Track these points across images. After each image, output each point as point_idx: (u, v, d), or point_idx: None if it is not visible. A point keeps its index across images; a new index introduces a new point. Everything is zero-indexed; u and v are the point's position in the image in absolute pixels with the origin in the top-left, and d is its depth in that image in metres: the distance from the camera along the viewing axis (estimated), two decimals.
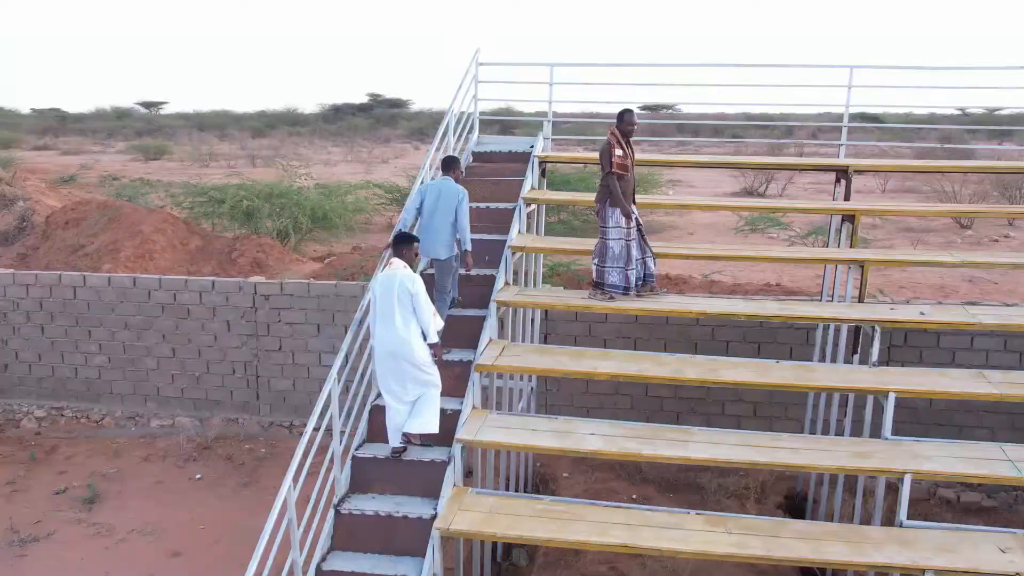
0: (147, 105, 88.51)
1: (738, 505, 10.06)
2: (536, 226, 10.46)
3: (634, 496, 10.35)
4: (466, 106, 10.91)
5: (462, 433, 7.32)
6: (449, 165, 8.71)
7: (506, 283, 8.94)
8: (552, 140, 11.21)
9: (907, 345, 10.96)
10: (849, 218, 9.41)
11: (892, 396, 7.31)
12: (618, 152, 8.34)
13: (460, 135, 10.69)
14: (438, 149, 9.79)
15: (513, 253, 9.10)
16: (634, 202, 8.68)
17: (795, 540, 6.48)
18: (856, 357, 8.58)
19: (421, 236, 8.26)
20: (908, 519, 6.74)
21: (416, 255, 7.68)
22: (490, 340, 8.33)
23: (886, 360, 10.81)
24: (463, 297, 8.81)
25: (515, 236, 9.29)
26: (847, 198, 10.07)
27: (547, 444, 7.23)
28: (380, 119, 66.49)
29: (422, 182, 9.03)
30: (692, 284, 15.33)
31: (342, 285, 12.33)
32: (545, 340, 11.54)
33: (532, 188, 10.21)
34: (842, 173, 10.12)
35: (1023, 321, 8.25)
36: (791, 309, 8.58)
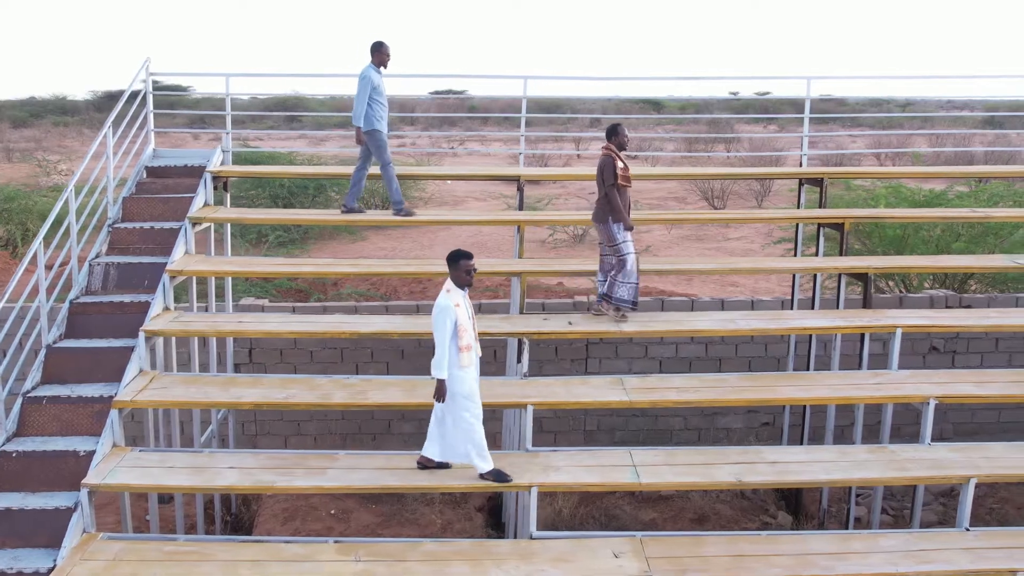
0: None
1: (435, 511, 10.17)
2: (223, 245, 10.16)
3: (333, 511, 10.27)
4: (139, 112, 10.52)
5: (91, 476, 6.98)
6: (372, 50, 10.08)
7: (165, 308, 8.61)
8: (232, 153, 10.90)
9: (603, 343, 11.45)
10: None
11: (530, 408, 7.58)
12: (620, 164, 8.53)
13: (128, 142, 10.27)
14: (95, 157, 9.71)
15: (172, 277, 8.74)
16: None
17: (419, 563, 6.56)
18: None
19: None
20: (545, 524, 7.00)
21: (467, 272, 6.93)
22: (140, 372, 7.99)
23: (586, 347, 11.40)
24: (110, 328, 8.34)
25: (177, 258, 8.93)
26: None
27: (179, 483, 7.01)
28: (158, 106, 62.79)
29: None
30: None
31: (26, 307, 11.45)
32: (251, 358, 11.27)
33: (206, 205, 9.87)
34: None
35: (660, 327, 8.78)
36: None
